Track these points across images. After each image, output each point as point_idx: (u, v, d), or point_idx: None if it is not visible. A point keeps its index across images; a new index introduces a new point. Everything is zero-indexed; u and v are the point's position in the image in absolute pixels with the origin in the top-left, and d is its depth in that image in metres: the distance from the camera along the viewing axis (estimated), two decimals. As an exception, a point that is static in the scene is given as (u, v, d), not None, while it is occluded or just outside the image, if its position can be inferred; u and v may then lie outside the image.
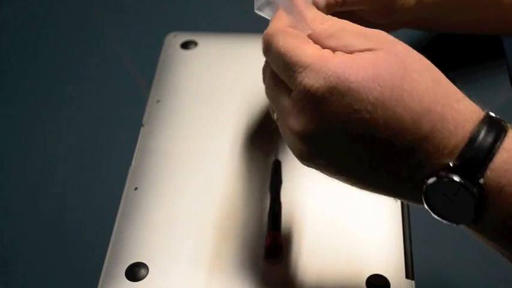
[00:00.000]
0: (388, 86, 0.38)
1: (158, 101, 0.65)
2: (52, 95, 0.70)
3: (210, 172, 0.59)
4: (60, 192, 0.61)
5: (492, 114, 0.39)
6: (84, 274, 0.54)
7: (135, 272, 0.52)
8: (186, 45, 0.70)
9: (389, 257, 0.52)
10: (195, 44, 0.71)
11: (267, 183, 0.58)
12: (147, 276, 0.52)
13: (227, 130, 0.62)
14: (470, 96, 0.40)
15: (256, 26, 0.75)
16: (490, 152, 0.38)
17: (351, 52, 0.40)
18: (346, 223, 0.55)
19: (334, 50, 0.41)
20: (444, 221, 0.40)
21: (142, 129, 0.63)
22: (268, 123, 0.63)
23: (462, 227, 0.40)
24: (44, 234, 0.58)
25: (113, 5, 0.80)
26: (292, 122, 0.40)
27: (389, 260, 0.52)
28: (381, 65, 0.39)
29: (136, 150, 0.61)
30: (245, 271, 0.52)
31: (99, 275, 0.53)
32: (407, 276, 0.51)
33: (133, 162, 0.60)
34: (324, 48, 0.41)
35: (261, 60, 0.68)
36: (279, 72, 0.42)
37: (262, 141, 0.61)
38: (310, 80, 0.39)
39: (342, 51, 0.40)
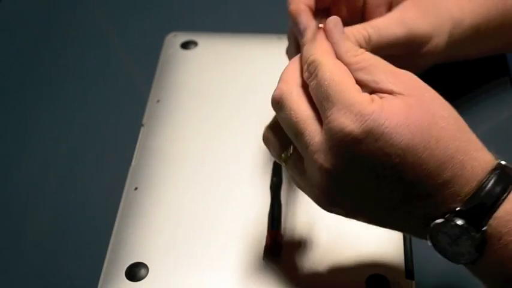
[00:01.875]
0: (418, 132, 0.40)
1: (158, 101, 0.65)
2: (52, 95, 0.70)
3: (210, 172, 0.59)
4: (60, 192, 0.61)
5: (503, 162, 0.41)
6: (84, 274, 0.54)
7: (135, 272, 0.52)
8: (186, 45, 0.70)
9: (389, 257, 0.52)
10: (195, 44, 0.71)
11: (267, 183, 0.58)
12: (147, 276, 0.52)
13: (227, 130, 0.62)
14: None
15: (256, 26, 0.75)
16: (496, 202, 0.40)
17: (380, 89, 0.41)
18: (346, 223, 0.55)
19: (364, 84, 0.42)
20: (446, 258, 0.42)
21: (142, 129, 0.63)
22: (268, 122, 0.63)
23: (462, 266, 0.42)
24: (44, 234, 0.58)
25: (113, 5, 0.80)
26: (321, 156, 0.41)
27: (389, 260, 0.52)
28: (412, 111, 0.40)
29: (136, 150, 0.61)
30: (245, 271, 0.52)
31: (99, 275, 0.53)
32: (407, 276, 0.51)
33: (133, 162, 0.60)
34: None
35: (261, 60, 0.69)
36: (317, 100, 0.42)
37: (262, 141, 0.61)
38: (347, 120, 0.40)
39: (371, 86, 0.42)
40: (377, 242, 0.53)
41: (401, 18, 0.52)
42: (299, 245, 0.53)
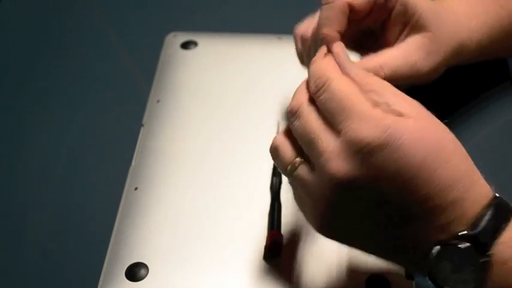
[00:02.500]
0: (433, 151, 0.41)
1: (158, 101, 0.65)
2: (52, 95, 0.70)
3: (210, 172, 0.59)
4: (60, 192, 0.61)
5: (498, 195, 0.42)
6: (84, 274, 0.54)
7: (135, 272, 0.52)
8: (186, 45, 0.71)
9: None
10: (195, 44, 0.71)
11: (267, 183, 0.58)
12: (147, 276, 0.52)
13: (227, 130, 0.62)
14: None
15: (256, 26, 0.75)
16: (500, 227, 0.40)
17: (392, 111, 0.42)
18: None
19: (375, 104, 0.42)
20: None
21: (142, 129, 0.63)
22: (268, 123, 0.63)
23: None
24: (44, 234, 0.58)
25: (113, 5, 0.80)
26: (337, 165, 0.41)
27: (389, 260, 0.52)
28: (425, 132, 0.41)
29: (136, 150, 0.61)
30: (245, 271, 0.52)
31: (99, 275, 0.53)
32: (407, 276, 0.51)
33: (133, 162, 0.60)
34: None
35: (261, 60, 0.69)
36: (329, 113, 0.43)
37: (262, 141, 0.61)
38: (366, 130, 0.41)
39: (383, 108, 0.42)
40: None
41: (408, 60, 0.53)
42: (299, 245, 0.53)
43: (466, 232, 0.40)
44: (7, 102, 0.70)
